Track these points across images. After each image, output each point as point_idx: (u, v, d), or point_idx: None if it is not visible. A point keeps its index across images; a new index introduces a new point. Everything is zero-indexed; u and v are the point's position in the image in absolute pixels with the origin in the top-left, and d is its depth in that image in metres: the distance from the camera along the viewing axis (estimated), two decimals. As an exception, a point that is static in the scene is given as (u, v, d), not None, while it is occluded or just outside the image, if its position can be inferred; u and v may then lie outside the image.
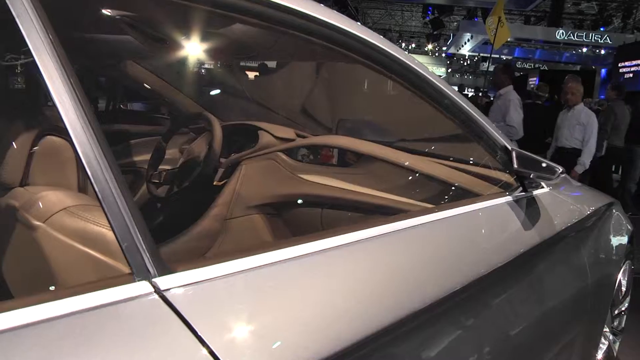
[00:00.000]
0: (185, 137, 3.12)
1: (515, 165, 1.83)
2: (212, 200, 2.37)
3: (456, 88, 6.69)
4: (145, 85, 3.26)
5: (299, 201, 2.32)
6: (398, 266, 1.22)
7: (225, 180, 2.46)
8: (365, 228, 1.22)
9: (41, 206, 1.42)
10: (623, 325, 3.05)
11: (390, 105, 3.02)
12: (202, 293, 0.86)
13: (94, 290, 0.76)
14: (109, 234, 1.04)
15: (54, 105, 0.80)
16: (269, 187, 2.40)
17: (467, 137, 1.88)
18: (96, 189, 0.79)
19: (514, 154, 1.84)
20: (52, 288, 1.15)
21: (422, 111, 1.91)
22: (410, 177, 2.21)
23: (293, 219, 2.37)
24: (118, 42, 2.28)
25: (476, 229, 1.61)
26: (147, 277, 0.81)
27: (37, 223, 1.36)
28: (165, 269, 0.84)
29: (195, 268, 0.88)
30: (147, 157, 2.77)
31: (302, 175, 2.32)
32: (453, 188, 2.05)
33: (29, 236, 1.35)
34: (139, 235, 0.81)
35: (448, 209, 1.55)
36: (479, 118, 1.78)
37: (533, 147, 4.74)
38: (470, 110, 1.75)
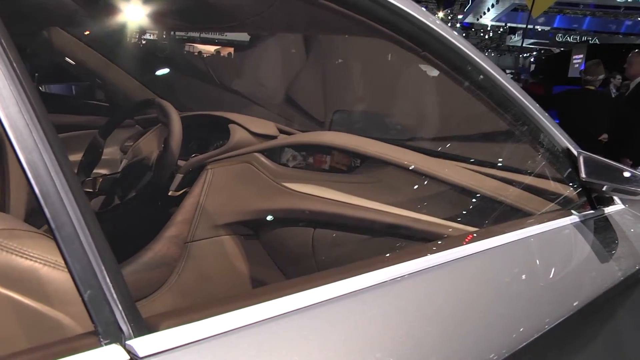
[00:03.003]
0: (129, 132, 3.10)
1: (583, 175, 1.79)
2: (167, 216, 2.34)
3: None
4: (75, 60, 3.23)
5: (283, 218, 2.29)
6: (421, 322, 1.17)
7: (185, 190, 2.43)
8: (387, 264, 1.18)
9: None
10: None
11: (405, 90, 3.00)
12: None
13: None
14: (52, 273, 0.98)
15: None
16: (244, 200, 2.37)
17: (515, 135, 1.85)
18: (47, 213, 0.73)
19: (581, 160, 1.80)
20: None
21: (453, 99, 1.87)
22: (435, 189, 2.18)
23: (275, 242, 2.35)
24: (39, 1, 2.24)
25: (529, 263, 1.56)
26: (119, 338, 0.76)
27: None
28: (142, 327, 0.79)
29: (183, 324, 0.84)
30: (78, 157, 2.73)
31: (287, 184, 2.30)
32: (495, 205, 2.01)
33: None
34: (107, 280, 0.75)
35: (489, 235, 1.50)
36: (534, 110, 1.73)
37: (584, 146, 4.72)
38: (521, 98, 1.70)
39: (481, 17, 31.19)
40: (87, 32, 3.15)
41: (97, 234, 0.76)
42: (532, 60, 36.94)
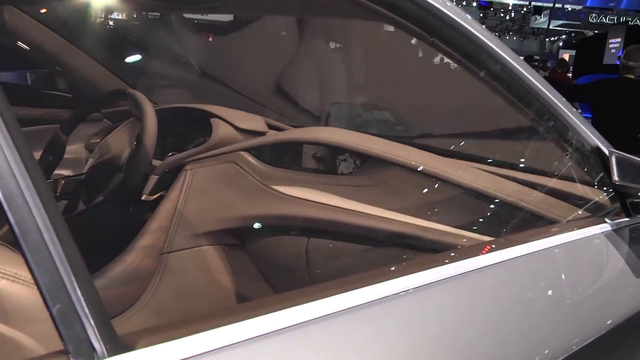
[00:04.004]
0: (96, 127, 3.08)
1: (616, 177, 1.79)
2: (140, 224, 2.34)
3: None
4: (32, 44, 3.22)
5: (273, 226, 2.29)
6: (428, 342, 1.19)
7: (160, 194, 2.43)
8: (386, 278, 1.20)
9: None
10: None
11: (413, 81, 3.00)
12: None
13: None
14: (11, 287, 0.98)
15: None
16: (228, 205, 2.37)
17: (538, 133, 1.85)
18: (11, 219, 0.74)
19: (613, 160, 1.81)
20: None
21: (467, 91, 1.87)
22: (446, 194, 2.18)
23: (264, 253, 2.35)
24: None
25: (553, 276, 1.57)
26: (91, 358, 0.78)
27: None
28: (117, 346, 0.81)
29: (163, 342, 0.86)
30: (36, 156, 2.72)
31: (277, 187, 2.30)
32: (515, 211, 2.00)
33: None
34: (79, 293, 0.77)
35: (508, 245, 1.51)
36: (559, 104, 1.74)
37: (623, 145, 4.66)
38: (544, 90, 1.70)
39: (501, -6, 30.99)
40: (45, 11, 3.13)
41: (67, 242, 0.77)
42: (561, 44, 36.62)
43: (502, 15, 38.26)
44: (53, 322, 0.75)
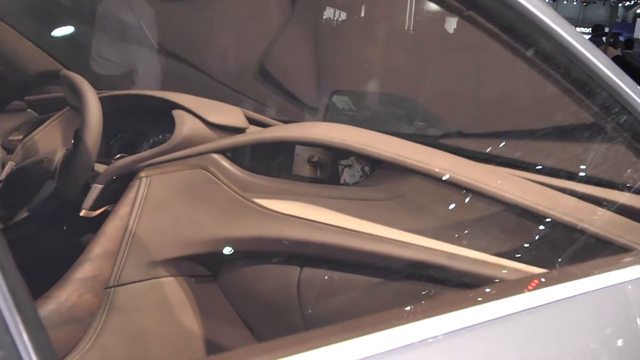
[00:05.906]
0: (17, 120, 3.09)
1: None
2: (78, 248, 2.34)
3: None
4: None
5: (254, 252, 2.30)
6: None
7: (105, 208, 2.44)
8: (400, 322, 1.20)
9: None
10: None
11: (438, 63, 3.01)
12: None
13: None
14: None
15: None
16: (196, 224, 2.38)
17: (604, 132, 1.85)
18: None
19: None
20: None
21: (509, 77, 1.88)
22: (482, 211, 2.20)
23: (242, 287, 2.36)
24: None
25: (625, 321, 1.57)
26: None
27: None
28: None
29: None
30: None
31: (260, 201, 2.31)
32: (574, 234, 1.99)
33: None
34: (25, 337, 0.76)
35: (564, 279, 1.51)
36: (633, 95, 1.72)
37: None
38: (613, 77, 1.68)
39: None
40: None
41: (10, 272, 0.77)
42: (638, 12, 36.19)
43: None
44: None
